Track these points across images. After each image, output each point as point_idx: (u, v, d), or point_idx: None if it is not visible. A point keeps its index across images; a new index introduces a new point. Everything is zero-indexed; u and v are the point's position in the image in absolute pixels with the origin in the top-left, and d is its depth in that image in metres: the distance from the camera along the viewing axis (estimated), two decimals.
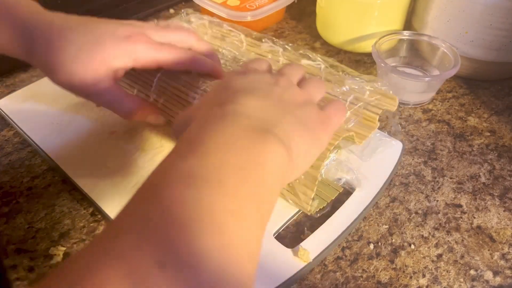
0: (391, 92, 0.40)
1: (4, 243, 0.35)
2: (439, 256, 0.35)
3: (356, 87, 0.40)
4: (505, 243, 0.36)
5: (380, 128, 0.44)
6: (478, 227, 0.37)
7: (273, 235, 0.34)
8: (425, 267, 0.34)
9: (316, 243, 0.33)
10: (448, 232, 0.36)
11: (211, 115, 0.26)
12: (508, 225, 0.37)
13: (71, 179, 0.38)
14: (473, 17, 0.47)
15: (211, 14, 0.59)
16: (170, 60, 0.36)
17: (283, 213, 0.35)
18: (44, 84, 0.48)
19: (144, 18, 0.63)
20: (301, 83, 0.33)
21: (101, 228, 0.36)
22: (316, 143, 0.29)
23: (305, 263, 0.32)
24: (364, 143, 0.37)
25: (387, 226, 0.37)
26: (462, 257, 0.35)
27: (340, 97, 0.40)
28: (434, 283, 0.33)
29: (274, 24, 0.62)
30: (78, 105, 0.45)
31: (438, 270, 0.34)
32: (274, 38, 0.49)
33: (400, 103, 0.49)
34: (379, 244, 0.35)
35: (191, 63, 0.37)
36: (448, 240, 0.36)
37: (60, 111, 0.45)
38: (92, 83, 0.34)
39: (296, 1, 0.63)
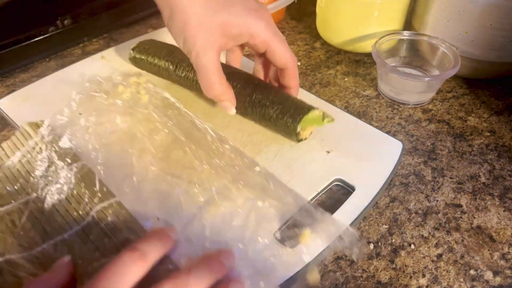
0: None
1: None
2: (439, 256, 0.35)
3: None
4: (505, 243, 0.36)
5: (380, 128, 0.44)
6: (478, 227, 0.37)
7: (273, 235, 0.34)
8: (425, 267, 0.34)
9: (316, 243, 0.33)
10: (448, 232, 0.36)
11: None
12: (508, 225, 0.37)
13: None
14: (473, 17, 0.47)
15: None
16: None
17: (283, 213, 0.35)
18: (44, 84, 0.48)
19: (144, 18, 0.63)
20: None
21: None
22: None
23: (305, 263, 0.32)
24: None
25: (387, 226, 0.37)
26: (462, 257, 0.35)
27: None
28: (434, 283, 0.33)
29: None
30: None
31: (438, 270, 0.34)
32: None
33: (400, 103, 0.49)
34: (379, 244, 0.35)
35: None
36: (448, 240, 0.36)
37: None
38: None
39: (296, 1, 0.63)
